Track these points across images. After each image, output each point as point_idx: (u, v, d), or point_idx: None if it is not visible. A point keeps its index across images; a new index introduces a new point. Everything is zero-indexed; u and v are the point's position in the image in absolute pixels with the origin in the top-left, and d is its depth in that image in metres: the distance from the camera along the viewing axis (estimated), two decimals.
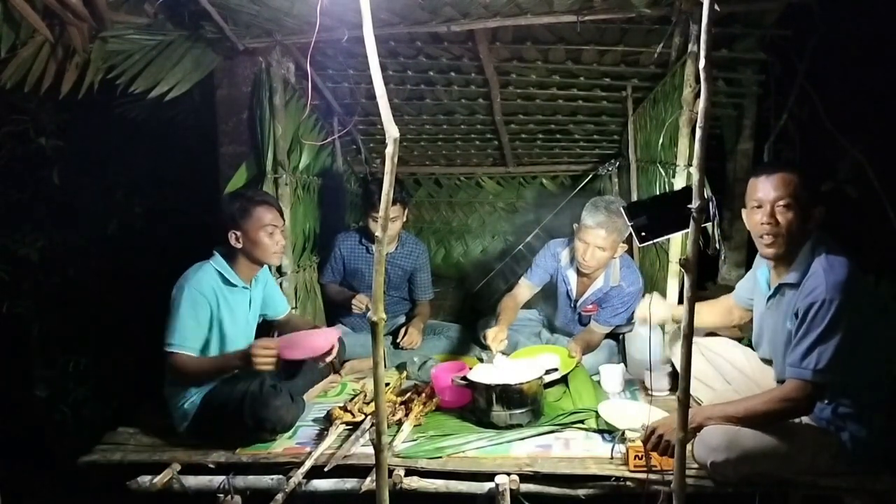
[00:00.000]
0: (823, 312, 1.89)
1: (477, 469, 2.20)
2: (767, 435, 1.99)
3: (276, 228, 2.59)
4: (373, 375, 1.49)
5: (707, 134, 1.39)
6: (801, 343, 1.94)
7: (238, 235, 2.54)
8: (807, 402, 1.95)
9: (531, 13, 2.76)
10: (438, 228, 4.77)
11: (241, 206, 2.55)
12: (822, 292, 1.90)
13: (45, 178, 3.97)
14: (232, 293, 2.58)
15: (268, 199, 2.65)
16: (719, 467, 1.97)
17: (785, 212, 2.04)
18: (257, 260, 2.61)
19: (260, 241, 2.55)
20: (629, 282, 3.18)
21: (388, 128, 1.37)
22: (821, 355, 1.89)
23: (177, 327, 2.39)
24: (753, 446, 1.97)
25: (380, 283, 1.44)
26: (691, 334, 1.47)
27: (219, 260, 2.57)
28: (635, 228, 2.24)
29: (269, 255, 2.60)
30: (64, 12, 2.63)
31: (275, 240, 2.58)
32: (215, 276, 2.54)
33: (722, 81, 3.12)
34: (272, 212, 2.60)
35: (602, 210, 2.98)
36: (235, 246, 2.55)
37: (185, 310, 2.41)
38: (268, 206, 2.60)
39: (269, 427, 2.40)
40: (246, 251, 2.57)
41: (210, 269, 2.54)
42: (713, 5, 1.36)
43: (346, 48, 3.06)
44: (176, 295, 2.44)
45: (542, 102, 3.73)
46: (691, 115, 2.71)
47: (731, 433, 1.99)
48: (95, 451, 2.43)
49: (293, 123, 3.37)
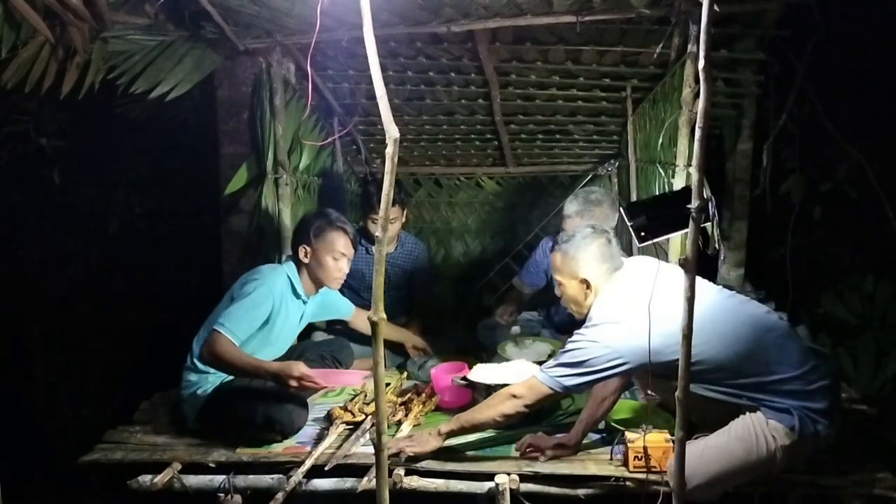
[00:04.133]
0: (584, 335, 2.13)
1: (477, 469, 2.21)
2: (734, 451, 1.98)
3: (344, 257, 2.68)
4: (373, 375, 1.50)
5: (706, 134, 1.39)
6: (558, 355, 2.17)
7: (308, 251, 2.64)
8: (527, 399, 2.15)
9: (531, 14, 2.76)
10: (438, 228, 4.77)
11: (319, 226, 2.65)
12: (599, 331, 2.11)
13: (46, 178, 3.97)
14: (293, 302, 2.66)
15: (346, 226, 2.71)
16: (692, 494, 1.95)
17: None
18: (318, 280, 2.70)
19: (326, 263, 2.64)
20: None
21: (388, 128, 1.37)
22: (564, 368, 2.12)
23: (235, 312, 2.42)
24: (720, 468, 1.97)
25: (380, 283, 1.44)
26: (690, 334, 1.47)
27: (291, 268, 2.67)
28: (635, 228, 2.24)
29: (331, 279, 2.69)
30: (65, 13, 2.63)
31: (339, 266, 2.67)
32: (286, 281, 2.62)
33: (721, 82, 3.12)
34: (345, 239, 2.67)
35: (580, 199, 3.07)
36: (303, 260, 2.64)
37: (252, 300, 2.46)
38: (344, 233, 2.67)
39: (279, 429, 2.41)
40: (311, 269, 2.66)
41: (283, 273, 2.63)
42: (713, 5, 1.36)
43: (347, 48, 3.07)
44: (248, 285, 2.50)
45: (542, 103, 3.73)
46: (691, 115, 2.71)
47: (693, 459, 1.88)
48: (96, 450, 2.44)
49: (293, 124, 3.37)
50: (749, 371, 2.00)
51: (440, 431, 2.25)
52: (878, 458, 2.17)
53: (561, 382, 2.10)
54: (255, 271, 2.61)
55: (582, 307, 2.29)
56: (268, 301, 2.51)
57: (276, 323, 2.60)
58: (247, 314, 2.45)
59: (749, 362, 2.00)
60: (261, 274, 2.58)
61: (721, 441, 2.02)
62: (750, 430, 1.99)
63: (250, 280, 2.55)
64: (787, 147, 3.31)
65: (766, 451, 1.96)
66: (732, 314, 2.09)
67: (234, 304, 2.45)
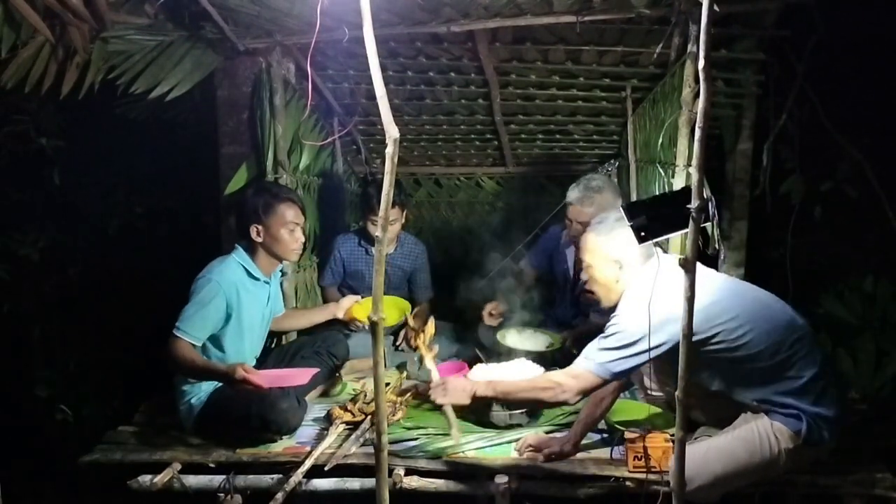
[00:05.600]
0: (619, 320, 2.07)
1: (477, 469, 2.21)
2: (736, 453, 1.98)
3: (297, 226, 2.64)
4: (373, 375, 1.50)
5: (706, 134, 1.39)
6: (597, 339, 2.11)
7: (259, 230, 2.59)
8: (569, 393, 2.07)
9: (531, 14, 2.76)
10: (438, 228, 4.77)
11: (266, 202, 2.59)
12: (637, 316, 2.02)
13: (46, 178, 3.97)
14: (254, 286, 2.62)
15: (291, 195, 2.68)
16: (694, 494, 1.96)
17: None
18: (276, 256, 2.66)
19: (281, 237, 2.60)
20: None
21: (388, 128, 1.37)
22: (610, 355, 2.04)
23: (188, 314, 2.40)
24: (724, 469, 1.97)
25: (380, 283, 1.45)
26: (691, 334, 1.47)
27: (241, 253, 2.62)
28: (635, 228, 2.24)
29: (289, 251, 2.64)
30: (64, 13, 2.63)
31: (295, 237, 2.63)
32: (238, 269, 2.58)
33: (721, 82, 3.12)
34: (294, 209, 2.64)
35: (580, 186, 3.11)
36: (256, 240, 2.60)
37: (201, 299, 2.43)
38: (291, 202, 2.64)
39: (275, 429, 2.41)
40: (266, 246, 2.62)
41: (233, 263, 2.58)
42: (713, 6, 1.36)
43: (347, 48, 3.06)
44: (197, 284, 2.48)
45: (542, 103, 3.73)
46: (690, 115, 2.71)
47: (697, 460, 1.94)
48: (96, 450, 2.44)
49: (293, 124, 3.37)
50: (779, 366, 1.98)
51: (475, 393, 2.16)
52: (878, 458, 2.17)
53: (610, 369, 2.03)
54: (205, 269, 2.54)
55: (611, 291, 2.21)
56: (218, 296, 2.46)
57: (241, 313, 2.55)
58: (198, 314, 2.41)
59: (783, 357, 1.98)
60: (207, 270, 2.52)
61: (724, 442, 2.02)
62: (754, 431, 1.99)
63: (198, 279, 2.50)
64: (787, 147, 3.31)
65: (770, 454, 1.96)
66: (772, 307, 2.08)
67: (186, 307, 2.42)
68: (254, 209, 2.59)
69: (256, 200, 2.61)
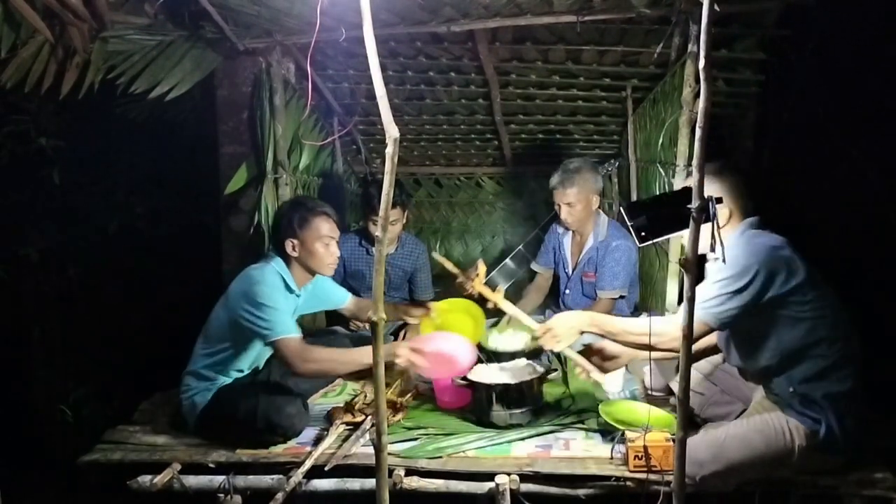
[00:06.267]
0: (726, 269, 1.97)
1: (477, 469, 2.20)
2: (753, 442, 1.99)
3: (333, 240, 2.62)
4: (373, 375, 1.50)
5: (707, 134, 1.39)
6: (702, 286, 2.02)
7: (295, 244, 2.57)
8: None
9: (531, 13, 2.76)
10: (438, 228, 4.77)
11: (301, 216, 2.57)
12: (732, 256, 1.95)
13: (46, 178, 3.97)
14: (285, 298, 2.59)
15: (326, 209, 2.65)
16: (707, 481, 1.99)
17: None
18: (311, 270, 2.64)
19: (316, 251, 2.58)
20: (615, 237, 3.35)
21: (388, 128, 1.37)
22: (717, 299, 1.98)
23: (272, 317, 2.40)
24: (740, 457, 1.98)
25: (380, 283, 1.45)
26: (691, 335, 1.47)
27: (280, 264, 2.59)
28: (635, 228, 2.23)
29: (324, 265, 2.62)
30: (64, 12, 2.63)
31: (330, 251, 2.61)
32: (277, 278, 2.55)
33: (722, 81, 3.12)
34: (330, 223, 2.62)
35: (559, 172, 3.29)
36: (291, 254, 2.58)
37: (275, 300, 2.44)
38: (326, 216, 2.61)
39: (281, 432, 2.40)
40: (301, 260, 2.60)
41: (275, 272, 2.55)
42: (713, 5, 1.36)
43: (347, 48, 3.07)
44: (256, 291, 2.42)
45: (542, 102, 3.73)
46: (691, 115, 2.71)
47: (715, 446, 2.01)
48: (95, 450, 2.43)
49: (293, 123, 3.37)
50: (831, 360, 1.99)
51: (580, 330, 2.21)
52: (878, 458, 2.16)
53: (718, 316, 1.98)
54: (250, 278, 2.50)
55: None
56: (284, 292, 2.51)
57: None
58: (276, 312, 2.41)
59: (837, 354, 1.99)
60: (257, 277, 2.49)
61: (740, 431, 2.05)
62: (769, 424, 2.02)
63: (250, 287, 2.45)
64: (788, 147, 3.31)
65: (785, 447, 1.98)
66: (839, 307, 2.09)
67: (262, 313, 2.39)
68: (289, 223, 2.57)
69: (292, 215, 2.59)
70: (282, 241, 2.58)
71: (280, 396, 2.44)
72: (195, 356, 2.55)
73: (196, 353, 2.55)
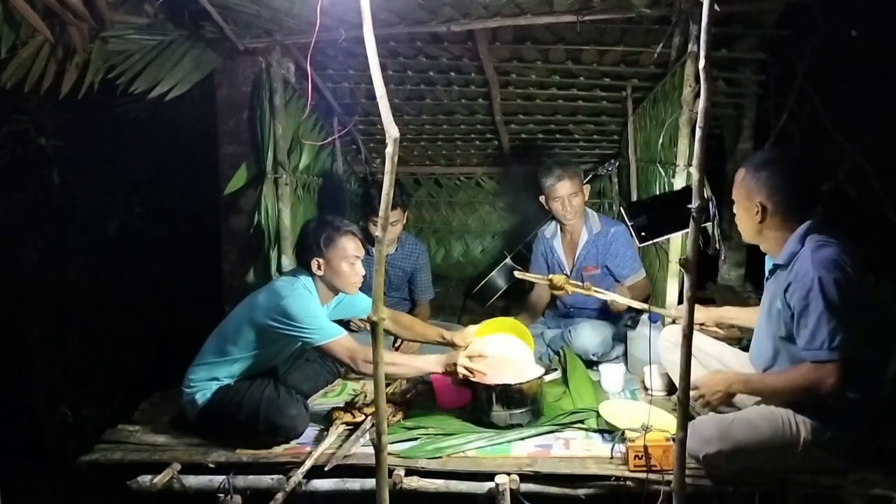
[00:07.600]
0: (817, 291, 1.87)
1: (477, 469, 2.20)
2: (760, 428, 2.02)
3: (358, 259, 2.61)
4: (373, 375, 1.50)
5: (707, 134, 1.40)
6: (805, 326, 1.91)
7: (321, 263, 2.56)
8: (832, 381, 1.88)
9: (531, 13, 2.76)
10: (438, 228, 4.78)
11: (327, 235, 2.56)
12: (809, 271, 1.89)
13: (45, 178, 3.97)
14: (319, 306, 2.59)
15: (352, 228, 2.64)
16: (712, 459, 2.01)
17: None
18: (335, 288, 2.63)
19: (342, 270, 2.57)
20: (610, 224, 3.41)
21: (388, 128, 1.37)
22: (830, 332, 1.87)
23: (316, 324, 2.44)
24: (746, 439, 2.00)
25: (380, 283, 1.45)
26: (691, 334, 1.47)
27: (308, 280, 2.58)
28: (635, 228, 2.24)
29: (349, 284, 2.61)
30: (64, 12, 2.63)
31: (356, 270, 2.60)
32: (305, 292, 2.54)
33: (722, 81, 3.12)
34: (355, 241, 2.61)
35: (554, 168, 3.32)
36: (317, 273, 2.57)
37: (313, 308, 2.47)
38: (352, 235, 2.61)
39: (283, 434, 2.40)
40: (326, 279, 2.59)
41: (300, 286, 2.54)
42: (713, 5, 1.36)
43: (347, 48, 3.07)
44: (291, 303, 2.42)
45: (542, 102, 3.73)
46: (691, 115, 2.71)
47: (723, 425, 2.03)
48: (95, 450, 2.43)
49: (293, 123, 3.37)
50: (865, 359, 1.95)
51: (731, 391, 2.08)
52: (878, 459, 2.16)
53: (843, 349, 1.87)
54: (279, 290, 2.48)
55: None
56: (313, 299, 2.53)
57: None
58: (316, 320, 2.44)
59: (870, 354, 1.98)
60: (291, 289, 2.48)
61: (749, 415, 2.07)
62: (777, 414, 2.03)
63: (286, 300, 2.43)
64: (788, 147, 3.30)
65: (790, 437, 2.00)
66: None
67: (303, 321, 2.41)
68: (315, 242, 2.55)
69: (318, 233, 2.57)
70: (308, 261, 2.57)
71: (282, 398, 2.44)
72: (204, 353, 2.55)
73: (206, 349, 2.55)
